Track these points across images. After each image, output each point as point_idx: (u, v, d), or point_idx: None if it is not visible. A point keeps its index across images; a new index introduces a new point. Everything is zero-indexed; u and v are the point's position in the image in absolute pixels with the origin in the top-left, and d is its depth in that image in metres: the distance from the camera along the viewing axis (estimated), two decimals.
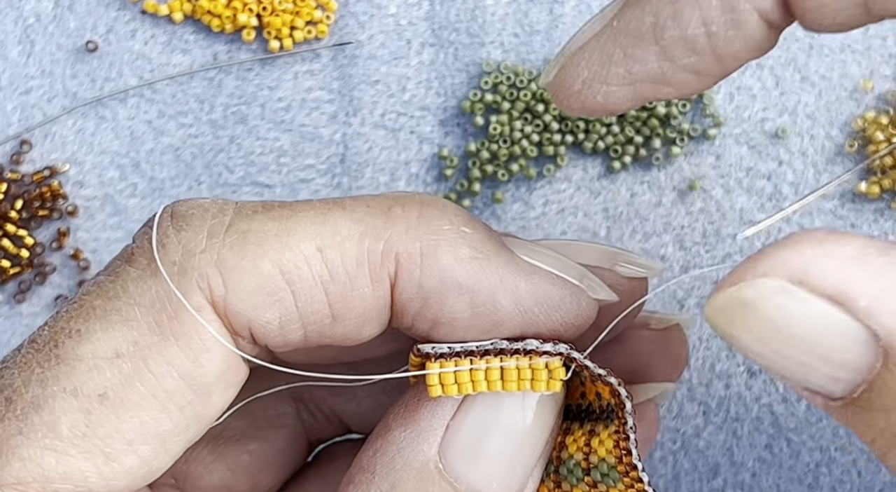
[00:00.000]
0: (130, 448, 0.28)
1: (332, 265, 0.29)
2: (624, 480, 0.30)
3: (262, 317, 0.29)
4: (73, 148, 0.47)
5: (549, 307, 0.30)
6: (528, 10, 0.47)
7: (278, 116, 0.46)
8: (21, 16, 0.47)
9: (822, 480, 0.44)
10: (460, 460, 0.30)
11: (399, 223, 0.30)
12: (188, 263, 0.28)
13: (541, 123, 0.46)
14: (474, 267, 0.30)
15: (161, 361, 0.28)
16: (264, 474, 0.36)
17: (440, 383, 0.30)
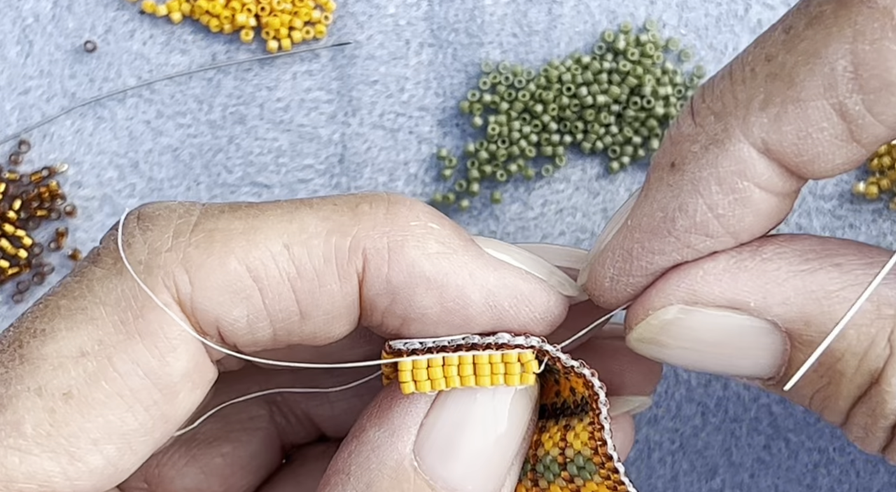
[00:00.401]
0: (95, 448, 0.28)
1: (299, 262, 0.29)
2: (600, 471, 0.30)
3: (229, 314, 0.29)
4: (72, 148, 0.47)
5: (519, 302, 0.30)
6: (526, 11, 0.47)
7: (277, 117, 0.46)
8: (20, 16, 0.47)
9: (820, 480, 0.45)
10: (435, 458, 0.30)
11: (366, 220, 0.30)
12: (154, 261, 0.28)
13: (539, 123, 0.46)
14: (442, 262, 0.30)
15: (126, 360, 0.28)
16: (237, 478, 0.36)
17: (413, 380, 0.30)
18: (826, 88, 0.27)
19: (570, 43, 0.46)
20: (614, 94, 0.45)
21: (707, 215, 0.29)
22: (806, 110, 0.27)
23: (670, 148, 0.30)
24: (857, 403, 0.29)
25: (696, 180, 0.29)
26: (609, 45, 0.46)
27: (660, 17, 0.46)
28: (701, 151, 0.29)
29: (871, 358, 0.28)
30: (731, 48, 0.46)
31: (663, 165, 0.30)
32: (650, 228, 0.30)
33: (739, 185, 0.29)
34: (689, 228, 0.29)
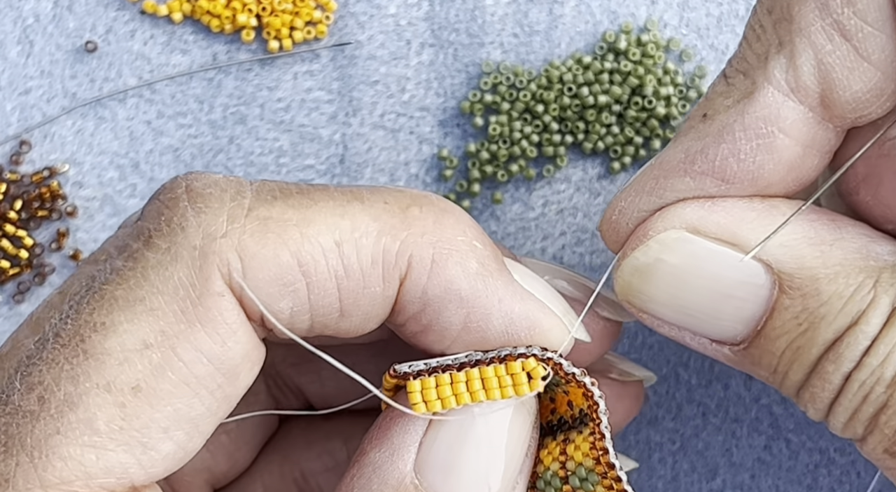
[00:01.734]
0: (166, 435, 0.29)
1: (347, 261, 0.29)
2: (603, 481, 0.31)
3: (275, 305, 0.29)
4: (73, 148, 0.47)
5: (535, 335, 0.31)
6: (527, 11, 0.46)
7: (278, 117, 0.46)
8: (20, 16, 0.47)
9: (820, 481, 0.45)
10: (436, 475, 0.30)
11: (416, 225, 0.30)
12: (209, 247, 0.28)
13: (540, 123, 0.46)
14: (478, 283, 0.30)
15: (190, 349, 0.28)
16: (241, 453, 0.36)
17: (423, 401, 0.30)
18: (820, 10, 0.29)
19: (571, 43, 0.46)
20: (615, 95, 0.45)
21: (728, 160, 0.30)
22: (810, 37, 0.29)
23: (704, 103, 0.31)
24: (826, 351, 0.30)
25: (723, 126, 0.30)
26: (610, 45, 0.46)
27: (661, 17, 0.46)
28: (732, 103, 0.30)
29: (855, 300, 0.29)
30: (732, 48, 0.46)
31: (696, 116, 0.31)
32: (668, 167, 0.31)
33: (764, 129, 0.30)
34: (707, 171, 0.31)
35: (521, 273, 0.32)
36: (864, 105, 0.30)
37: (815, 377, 0.30)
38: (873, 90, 0.30)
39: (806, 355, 0.30)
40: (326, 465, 0.37)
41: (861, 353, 0.29)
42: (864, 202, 0.32)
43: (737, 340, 0.31)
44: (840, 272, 0.30)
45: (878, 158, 0.31)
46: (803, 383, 0.31)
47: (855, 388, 0.30)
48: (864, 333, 0.29)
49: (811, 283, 0.30)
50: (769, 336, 0.31)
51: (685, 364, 0.45)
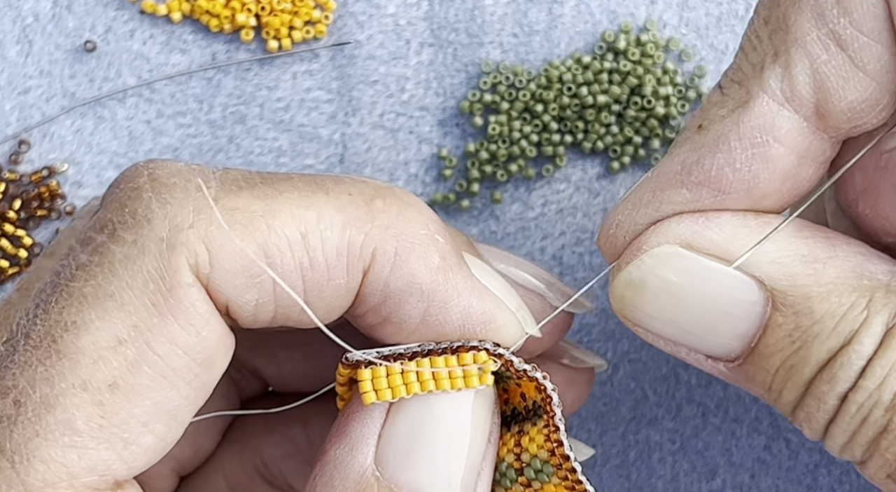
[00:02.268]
0: (146, 429, 0.28)
1: (313, 253, 0.29)
2: (558, 472, 0.31)
3: (241, 297, 0.29)
4: (72, 148, 0.47)
5: (489, 330, 0.31)
6: (527, 11, 0.46)
7: (277, 116, 0.46)
8: (19, 15, 0.47)
9: (820, 481, 0.45)
10: (397, 466, 0.30)
11: (380, 218, 0.30)
12: (176, 239, 0.28)
13: (540, 123, 0.45)
14: (439, 277, 0.30)
15: (164, 342, 0.28)
16: (205, 439, 0.36)
17: (373, 389, 0.30)
18: (816, 20, 0.29)
19: (571, 43, 0.46)
20: (615, 94, 0.45)
21: (723, 170, 0.30)
22: (806, 47, 0.29)
23: (699, 114, 0.31)
24: (820, 371, 0.30)
25: (718, 137, 0.30)
26: (609, 44, 0.46)
27: (660, 16, 0.46)
28: (727, 113, 0.30)
29: (848, 320, 0.29)
30: (731, 48, 0.46)
31: (691, 127, 0.31)
32: (665, 179, 0.31)
33: (759, 139, 0.30)
34: (703, 182, 0.31)
35: (478, 268, 0.32)
36: (860, 115, 0.30)
37: (809, 397, 0.30)
38: (868, 100, 0.30)
39: (799, 374, 0.30)
40: (287, 451, 0.37)
41: (856, 374, 0.29)
42: (863, 215, 0.32)
43: (731, 356, 0.31)
44: (833, 291, 0.30)
45: (875, 170, 0.31)
46: (798, 403, 0.30)
47: (852, 410, 0.29)
48: (858, 353, 0.29)
49: (804, 301, 0.30)
50: (763, 353, 0.31)
51: (685, 365, 0.45)
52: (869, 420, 0.29)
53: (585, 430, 0.45)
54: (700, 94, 0.46)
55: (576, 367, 0.36)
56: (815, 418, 0.30)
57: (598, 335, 0.45)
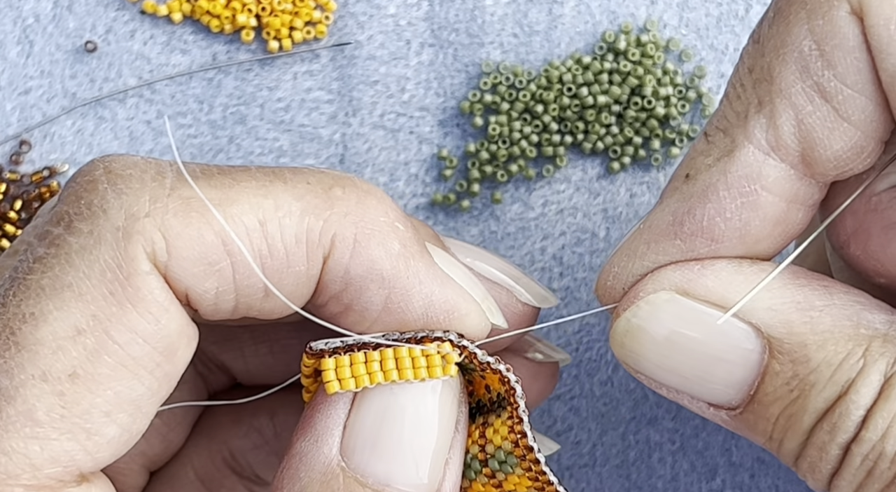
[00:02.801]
0: (109, 419, 0.28)
1: (271, 240, 0.29)
2: (521, 464, 0.31)
3: (200, 285, 0.29)
4: (73, 148, 0.47)
5: (453, 319, 0.31)
6: (527, 11, 0.47)
7: (277, 117, 0.46)
8: (20, 16, 0.47)
9: None
10: (362, 456, 0.30)
11: (339, 205, 0.30)
12: (132, 228, 0.28)
13: (540, 123, 0.46)
14: (399, 264, 0.30)
15: (123, 331, 0.28)
16: (175, 434, 0.36)
17: (337, 379, 0.30)
18: (801, 73, 0.29)
19: (571, 43, 0.46)
20: (615, 95, 0.45)
21: (715, 220, 0.30)
22: (791, 99, 0.29)
23: (686, 162, 0.31)
24: (820, 420, 0.30)
25: (707, 187, 0.30)
26: (610, 45, 0.46)
27: (660, 17, 0.46)
28: (713, 162, 0.30)
29: (844, 369, 0.29)
30: (731, 48, 0.46)
31: (679, 177, 0.31)
32: (658, 230, 0.31)
33: (747, 188, 0.30)
34: (696, 232, 0.31)
35: (441, 258, 0.32)
36: (845, 163, 0.30)
37: (811, 447, 0.30)
38: (854, 149, 0.30)
39: (799, 423, 0.30)
40: (255, 442, 0.37)
41: (856, 424, 0.29)
42: (855, 256, 0.32)
43: (732, 404, 0.31)
44: (829, 339, 0.30)
45: (865, 213, 0.31)
46: (800, 452, 0.30)
47: (857, 462, 0.29)
48: (855, 403, 0.29)
49: (800, 349, 0.30)
50: (762, 402, 0.31)
51: None
52: (875, 473, 0.29)
53: (585, 430, 0.45)
54: (700, 95, 0.46)
55: (540, 361, 0.37)
56: (818, 469, 0.30)
57: (598, 335, 0.45)
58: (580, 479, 0.45)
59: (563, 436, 0.45)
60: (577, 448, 0.45)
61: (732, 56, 0.46)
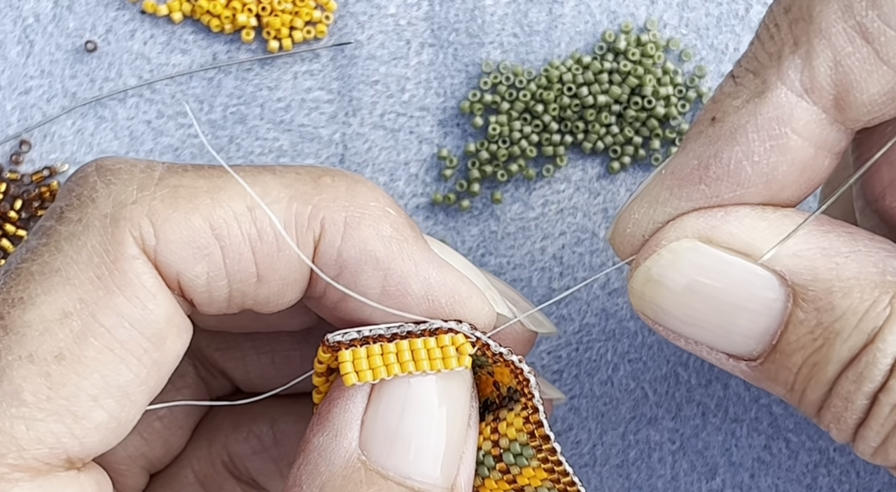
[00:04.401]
0: (96, 403, 0.28)
1: (260, 225, 0.29)
2: (538, 455, 0.31)
3: (191, 270, 0.29)
4: (73, 148, 0.47)
5: (455, 302, 0.31)
6: (527, 11, 0.47)
7: (277, 117, 0.46)
8: (20, 16, 0.47)
9: (820, 480, 0.45)
10: (382, 449, 0.30)
11: (327, 191, 0.30)
12: (120, 214, 0.29)
13: (540, 123, 0.46)
14: (393, 246, 0.30)
15: (110, 314, 0.28)
16: (176, 437, 0.36)
17: (354, 371, 0.30)
18: (843, 12, 0.28)
19: (571, 43, 0.46)
20: (615, 95, 0.45)
21: (742, 163, 0.30)
22: (830, 39, 0.28)
23: (712, 105, 0.31)
24: (844, 369, 0.29)
25: (735, 129, 0.30)
26: (610, 45, 0.46)
27: (660, 17, 0.46)
28: (742, 103, 0.30)
29: (870, 317, 0.29)
30: (731, 48, 0.46)
31: (704, 120, 0.31)
32: (682, 175, 0.30)
33: (777, 130, 0.29)
34: (721, 176, 0.30)
35: (439, 247, 0.32)
36: (880, 107, 0.29)
37: (835, 397, 0.29)
38: (890, 92, 0.29)
39: (823, 372, 0.29)
40: (254, 448, 0.37)
41: (884, 373, 0.28)
42: (890, 208, 0.32)
43: (752, 355, 0.31)
44: (855, 286, 0.29)
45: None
46: (823, 402, 0.30)
47: (886, 412, 0.29)
48: (882, 351, 0.28)
49: (825, 296, 0.29)
50: (784, 351, 0.30)
51: (685, 364, 0.45)
52: None
53: (586, 430, 0.45)
54: (700, 95, 0.46)
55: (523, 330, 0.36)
56: (843, 419, 0.29)
57: (598, 335, 0.45)
58: (580, 479, 0.45)
59: (563, 436, 0.45)
60: (577, 448, 0.45)
61: (732, 56, 0.46)
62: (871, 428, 0.29)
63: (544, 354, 0.45)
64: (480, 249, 0.46)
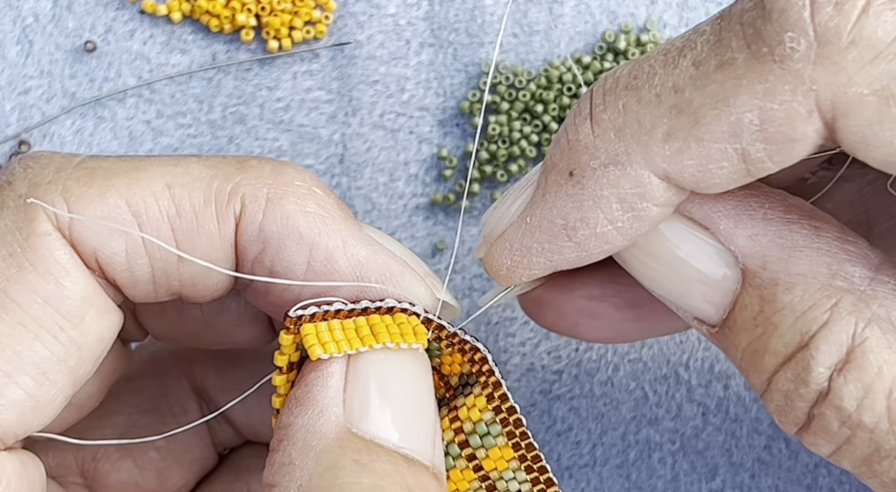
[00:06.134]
0: (10, 380, 0.28)
1: (179, 202, 0.30)
2: (504, 430, 0.31)
3: (107, 247, 0.29)
4: (72, 148, 0.47)
5: (387, 279, 0.31)
6: (527, 11, 0.47)
7: (277, 117, 0.46)
8: (20, 16, 0.47)
9: (820, 481, 0.45)
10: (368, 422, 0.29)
11: (251, 171, 0.30)
12: (33, 193, 0.29)
13: (540, 123, 0.46)
14: (318, 222, 0.30)
15: (22, 290, 0.28)
16: (172, 472, 0.36)
17: (320, 344, 0.30)
18: (731, 135, 0.27)
19: (571, 43, 0.46)
20: None
21: (607, 228, 0.29)
22: (708, 150, 0.27)
23: (568, 154, 0.30)
24: (783, 364, 0.29)
25: (598, 198, 0.29)
26: (610, 45, 0.46)
27: (660, 17, 0.46)
28: (601, 168, 0.29)
29: (807, 319, 0.28)
30: None
31: (561, 170, 0.30)
32: (551, 233, 0.30)
33: (639, 205, 0.29)
34: (589, 238, 0.30)
35: (375, 233, 0.32)
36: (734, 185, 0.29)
37: (774, 391, 0.29)
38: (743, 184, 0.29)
39: (762, 362, 0.29)
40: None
41: (821, 384, 0.28)
42: None
43: (712, 321, 0.31)
44: (799, 283, 0.29)
45: None
46: (765, 390, 0.30)
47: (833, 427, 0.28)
48: (815, 359, 0.28)
49: (770, 286, 0.29)
50: (732, 329, 0.30)
51: (685, 364, 0.45)
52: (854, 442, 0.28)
53: (585, 430, 0.45)
54: None
55: None
56: (784, 417, 0.29)
57: None
58: (580, 479, 0.45)
59: (563, 436, 0.45)
60: (577, 448, 0.45)
61: None
62: (816, 437, 0.29)
63: (544, 354, 0.45)
64: None
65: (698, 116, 0.27)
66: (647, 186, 0.28)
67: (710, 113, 0.27)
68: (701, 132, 0.27)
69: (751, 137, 0.27)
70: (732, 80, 0.27)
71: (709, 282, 0.30)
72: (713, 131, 0.27)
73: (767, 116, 0.26)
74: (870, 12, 0.25)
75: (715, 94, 0.27)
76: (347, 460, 0.28)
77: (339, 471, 0.28)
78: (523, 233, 0.31)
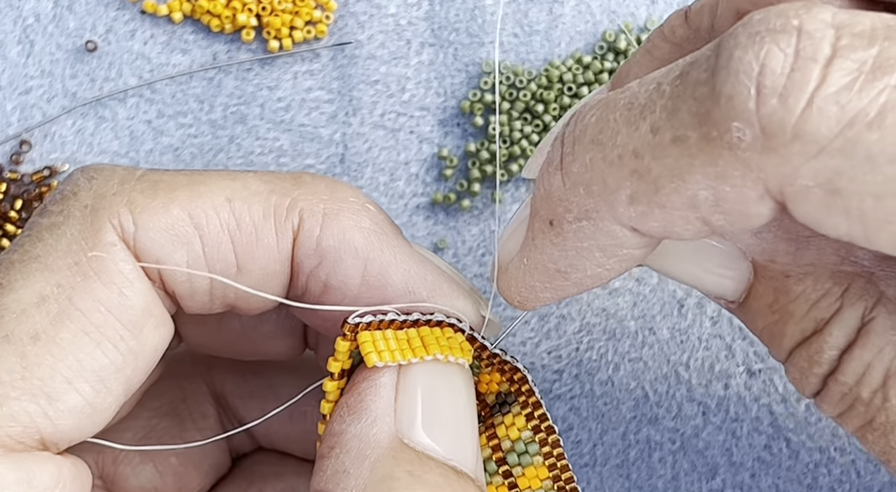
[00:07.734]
0: (71, 387, 0.29)
1: (239, 215, 0.30)
2: (542, 449, 0.31)
3: (170, 258, 0.30)
4: (73, 148, 0.47)
5: (436, 294, 0.31)
6: (527, 10, 0.47)
7: (278, 116, 0.46)
8: (20, 16, 0.47)
9: (820, 480, 0.45)
10: (419, 432, 0.30)
11: (307, 187, 0.31)
12: (99, 204, 0.30)
13: (540, 123, 0.46)
14: (372, 238, 0.31)
15: (87, 298, 0.29)
16: (191, 477, 0.36)
17: (376, 352, 0.30)
18: (689, 206, 0.27)
19: (571, 43, 0.46)
20: None
21: (597, 270, 0.30)
22: (671, 216, 0.27)
23: (546, 203, 0.30)
24: (799, 345, 0.30)
25: (579, 249, 0.30)
26: (610, 44, 0.46)
27: (660, 17, 0.46)
28: (575, 221, 0.29)
29: (820, 307, 0.30)
30: None
31: (543, 218, 0.30)
32: (547, 275, 0.31)
33: (620, 252, 0.29)
34: (584, 278, 0.31)
35: (423, 250, 0.32)
36: None
37: (792, 367, 0.31)
38: None
39: (780, 342, 0.31)
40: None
41: (831, 363, 0.30)
42: None
43: (730, 299, 0.32)
44: (810, 273, 0.30)
45: None
46: (785, 362, 0.31)
47: (836, 398, 0.30)
48: (829, 344, 0.29)
49: (781, 279, 0.30)
50: (750, 310, 0.31)
51: (685, 364, 0.45)
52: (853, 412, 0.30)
53: (586, 430, 0.45)
54: None
55: None
56: (801, 385, 0.31)
57: (598, 335, 0.45)
58: (580, 479, 0.45)
59: (564, 436, 0.45)
60: (578, 448, 0.45)
61: None
62: (827, 403, 0.30)
63: (544, 353, 0.45)
64: (480, 249, 0.46)
65: (658, 186, 0.27)
66: (621, 238, 0.29)
67: (668, 185, 0.27)
68: (662, 200, 0.27)
69: (709, 210, 0.27)
70: (686, 158, 0.26)
71: (723, 273, 0.31)
72: (672, 202, 0.27)
73: (721, 196, 0.26)
74: (814, 107, 0.24)
75: (671, 167, 0.27)
76: (401, 471, 0.29)
77: (394, 482, 0.28)
78: (524, 273, 0.32)
